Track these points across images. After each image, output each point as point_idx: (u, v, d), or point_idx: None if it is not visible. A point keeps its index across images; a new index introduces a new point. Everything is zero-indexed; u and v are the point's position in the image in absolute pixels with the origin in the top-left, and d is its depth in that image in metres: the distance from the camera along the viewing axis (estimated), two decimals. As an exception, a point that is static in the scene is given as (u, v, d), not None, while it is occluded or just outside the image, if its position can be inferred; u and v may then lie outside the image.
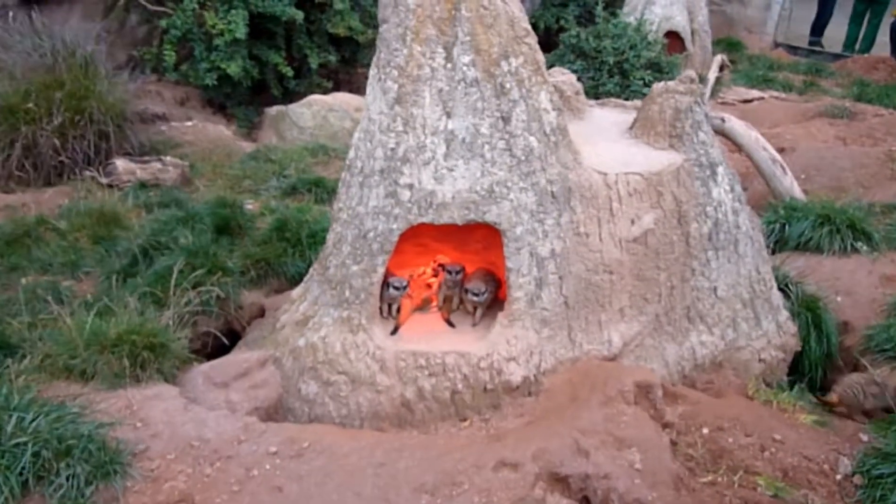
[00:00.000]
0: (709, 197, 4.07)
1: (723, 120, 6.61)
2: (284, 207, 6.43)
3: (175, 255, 4.96)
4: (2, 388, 3.18)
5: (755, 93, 10.71)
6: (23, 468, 2.84)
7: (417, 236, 4.01)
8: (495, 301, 4.02)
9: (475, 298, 3.91)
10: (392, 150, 3.61)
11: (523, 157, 3.65)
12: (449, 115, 3.58)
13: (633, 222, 3.91)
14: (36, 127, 6.88)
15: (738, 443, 3.54)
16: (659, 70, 9.29)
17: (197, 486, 3.07)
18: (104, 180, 7.07)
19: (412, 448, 3.33)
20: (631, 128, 4.41)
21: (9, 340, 4.06)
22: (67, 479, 2.86)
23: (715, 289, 4.16)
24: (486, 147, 3.61)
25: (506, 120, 3.61)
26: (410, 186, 3.61)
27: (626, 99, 6.89)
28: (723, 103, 9.99)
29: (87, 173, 7.10)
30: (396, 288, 3.86)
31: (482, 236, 4.06)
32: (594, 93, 8.69)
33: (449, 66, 3.56)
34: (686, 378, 4.14)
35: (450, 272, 4.01)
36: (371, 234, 3.72)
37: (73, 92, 7.11)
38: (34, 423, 2.90)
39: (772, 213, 5.91)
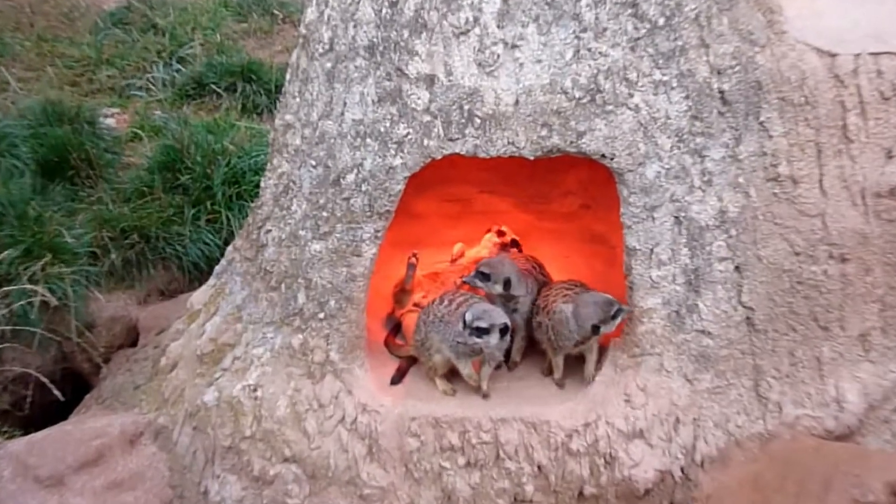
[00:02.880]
0: None
1: None
2: (179, 123, 6.55)
3: (-40, 220, 5.05)
4: None
5: None
6: None
7: (446, 182, 4.11)
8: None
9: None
10: (392, 4, 3.66)
11: (661, 21, 3.64)
12: (507, -66, 3.59)
13: (890, 156, 3.94)
14: None
15: None
16: None
17: None
18: None
19: None
20: (889, -42, 4.39)
21: None
22: None
23: None
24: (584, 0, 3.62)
25: (625, -57, 3.63)
26: (430, 80, 3.64)
27: None
28: None
29: None
30: (481, 330, 3.74)
31: (576, 184, 4.14)
32: None
33: None
34: None
35: (483, 275, 3.95)
36: (350, 179, 3.77)
37: None
38: None
39: None
